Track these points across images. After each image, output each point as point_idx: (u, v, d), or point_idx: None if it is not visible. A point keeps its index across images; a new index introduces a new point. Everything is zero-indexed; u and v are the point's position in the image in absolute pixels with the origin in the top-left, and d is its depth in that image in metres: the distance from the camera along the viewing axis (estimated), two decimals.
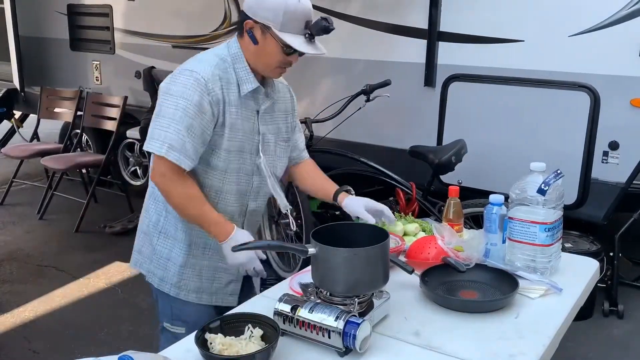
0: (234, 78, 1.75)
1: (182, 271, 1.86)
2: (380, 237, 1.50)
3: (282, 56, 1.72)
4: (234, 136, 1.76)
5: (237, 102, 1.76)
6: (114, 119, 4.95)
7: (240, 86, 1.76)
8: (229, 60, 1.76)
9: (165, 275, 1.88)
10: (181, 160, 1.67)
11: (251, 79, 1.76)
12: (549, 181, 1.73)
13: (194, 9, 4.70)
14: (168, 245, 1.87)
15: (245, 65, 1.76)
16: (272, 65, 1.75)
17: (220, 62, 1.74)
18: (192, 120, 1.67)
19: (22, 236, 4.60)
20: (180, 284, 1.87)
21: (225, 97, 1.73)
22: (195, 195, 1.73)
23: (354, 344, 1.34)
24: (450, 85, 3.47)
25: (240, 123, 1.77)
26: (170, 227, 1.85)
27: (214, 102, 1.70)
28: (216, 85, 1.70)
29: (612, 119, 3.05)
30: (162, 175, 1.71)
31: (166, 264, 1.88)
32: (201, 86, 1.68)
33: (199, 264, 1.87)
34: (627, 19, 2.95)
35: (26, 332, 3.26)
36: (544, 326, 1.50)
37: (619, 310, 3.33)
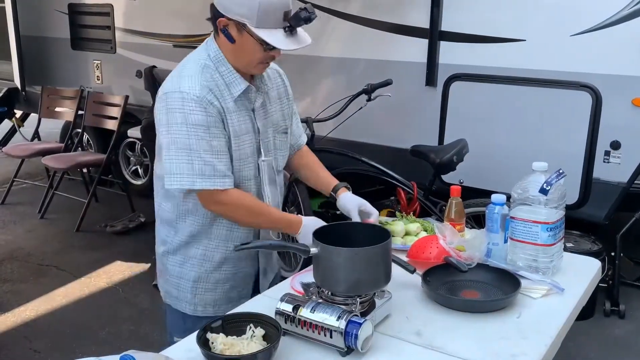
0: (222, 82, 1.66)
1: (195, 286, 1.82)
2: (382, 237, 1.50)
3: (262, 53, 1.62)
4: (241, 142, 1.70)
5: (233, 108, 1.68)
6: (115, 119, 4.95)
7: (230, 89, 1.67)
8: (211, 66, 1.66)
9: (179, 295, 1.85)
10: (218, 183, 1.63)
11: (239, 80, 1.67)
12: (551, 181, 1.72)
13: (194, 8, 4.68)
14: (178, 262, 1.82)
15: (229, 67, 1.67)
16: (254, 62, 1.66)
17: (204, 71, 1.65)
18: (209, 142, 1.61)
19: (23, 235, 4.60)
20: (195, 300, 1.83)
21: (223, 105, 1.66)
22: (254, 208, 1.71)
23: (355, 343, 1.34)
24: (451, 84, 3.47)
25: (245, 127, 1.71)
26: (180, 245, 1.81)
27: (216, 114, 1.63)
28: (210, 96, 1.62)
29: (614, 119, 3.04)
30: (209, 201, 1.68)
31: (179, 282, 1.84)
32: (196, 104, 1.60)
33: (213, 277, 1.82)
34: (628, 18, 2.95)
35: (27, 332, 3.26)
36: (546, 326, 1.49)
37: (620, 310, 3.33)
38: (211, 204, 1.69)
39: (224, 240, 1.80)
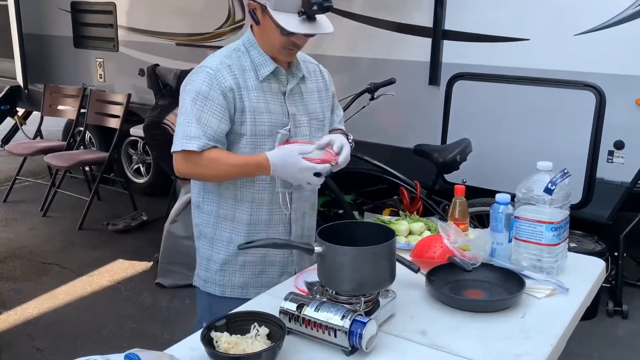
0: (249, 65, 1.76)
1: (223, 268, 1.87)
2: (387, 236, 1.50)
3: (282, 37, 1.70)
4: (260, 120, 1.76)
5: (257, 87, 1.76)
6: (118, 117, 4.95)
7: (258, 71, 1.76)
8: (242, 49, 1.78)
9: (208, 276, 1.90)
10: (192, 144, 1.69)
11: (268, 62, 1.77)
12: (556, 180, 1.72)
13: (197, 6, 4.69)
14: (207, 244, 1.89)
15: (260, 50, 1.77)
16: (276, 46, 1.74)
17: (233, 52, 1.77)
18: (202, 111, 1.71)
19: (25, 233, 4.61)
20: (223, 281, 1.88)
21: (241, 83, 1.74)
22: (217, 157, 1.73)
23: (360, 343, 1.33)
24: (454, 83, 3.47)
25: (265, 107, 1.76)
26: (208, 229, 1.88)
27: (226, 90, 1.72)
28: (226, 73, 1.73)
29: (618, 118, 3.03)
30: (181, 162, 1.74)
31: (207, 264, 1.90)
32: (210, 77, 1.72)
33: (240, 260, 1.86)
34: (632, 18, 2.94)
35: (29, 330, 3.26)
36: (551, 326, 1.49)
37: (623, 310, 3.32)
38: (178, 164, 1.75)
39: (246, 224, 1.84)
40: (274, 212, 1.85)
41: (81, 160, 5.01)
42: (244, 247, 1.50)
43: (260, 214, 1.84)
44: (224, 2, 4.39)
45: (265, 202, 1.84)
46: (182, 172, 1.78)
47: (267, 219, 1.85)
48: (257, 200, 1.83)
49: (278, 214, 1.85)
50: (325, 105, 1.94)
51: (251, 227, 1.84)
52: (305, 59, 1.93)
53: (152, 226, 4.64)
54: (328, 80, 1.97)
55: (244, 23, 4.29)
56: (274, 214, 1.85)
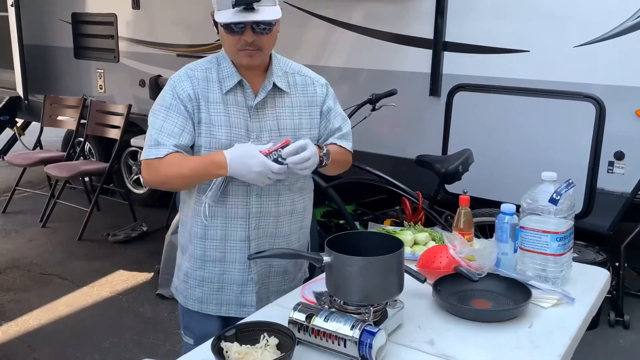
0: (215, 77, 1.76)
1: (186, 280, 1.89)
2: (394, 246, 1.51)
3: (231, 37, 1.69)
4: (216, 133, 1.73)
5: (220, 99, 1.74)
6: (118, 128, 4.96)
7: (222, 83, 1.76)
8: (214, 62, 1.78)
9: (178, 285, 1.93)
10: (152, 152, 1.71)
11: (233, 75, 1.75)
12: (561, 191, 1.73)
13: (198, 17, 4.71)
14: (180, 255, 1.93)
15: (229, 62, 1.77)
16: (232, 50, 1.73)
17: (202, 64, 1.78)
18: (164, 121, 1.72)
19: (25, 244, 4.59)
20: (186, 292, 1.89)
21: (200, 95, 1.74)
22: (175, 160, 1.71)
23: (370, 353, 1.34)
24: (455, 95, 3.49)
25: (226, 120, 1.74)
26: (182, 239, 1.91)
27: (184, 100, 1.73)
28: (186, 83, 1.74)
29: (618, 129, 3.06)
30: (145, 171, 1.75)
31: (178, 273, 1.94)
32: (172, 87, 1.75)
33: (198, 275, 1.86)
34: (632, 30, 2.97)
35: (30, 341, 3.25)
36: (559, 336, 1.50)
37: (624, 320, 3.33)
38: (143, 173, 1.77)
39: (201, 238, 1.82)
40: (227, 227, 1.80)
41: (81, 171, 5.01)
42: (253, 257, 1.51)
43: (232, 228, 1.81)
44: None
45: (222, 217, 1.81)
46: (147, 180, 1.80)
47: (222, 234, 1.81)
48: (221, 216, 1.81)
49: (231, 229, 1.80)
50: (311, 122, 1.84)
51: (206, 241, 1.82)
52: (299, 71, 1.87)
53: (152, 237, 4.64)
54: (323, 95, 1.87)
55: None
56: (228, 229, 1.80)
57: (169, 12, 4.89)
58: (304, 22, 4.01)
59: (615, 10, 3.00)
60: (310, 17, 3.98)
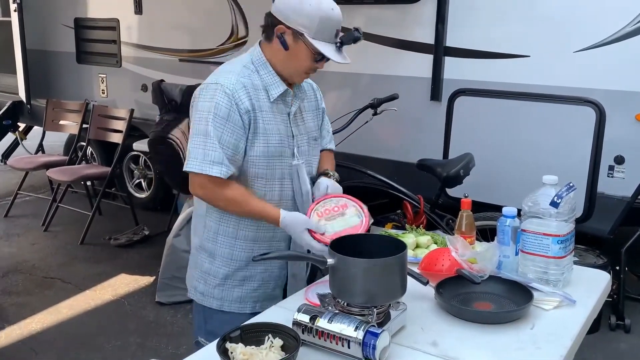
0: (260, 84, 1.77)
1: (223, 283, 1.88)
2: (397, 248, 1.52)
3: (311, 62, 1.75)
4: (272, 141, 1.78)
5: (269, 108, 1.78)
6: (120, 132, 4.97)
7: (269, 91, 1.78)
8: (252, 67, 1.78)
9: (206, 290, 1.91)
10: (215, 170, 1.70)
11: (278, 83, 1.78)
12: (562, 194, 1.75)
13: (200, 23, 4.75)
14: (208, 258, 1.90)
15: (271, 70, 1.79)
16: (301, 70, 1.78)
17: (244, 70, 1.77)
18: (222, 132, 1.70)
19: (27, 248, 4.61)
20: (222, 295, 1.89)
21: (255, 104, 1.75)
22: (237, 199, 1.75)
23: (373, 354, 1.35)
24: (456, 99, 3.50)
25: (276, 128, 1.79)
26: (208, 243, 1.89)
27: (242, 112, 1.73)
28: (242, 93, 1.73)
29: (618, 134, 3.07)
30: (201, 187, 1.76)
31: (206, 278, 1.90)
32: (228, 97, 1.71)
33: (240, 275, 1.88)
34: (632, 35, 2.99)
35: (33, 344, 3.26)
36: (560, 337, 1.51)
37: (625, 324, 3.34)
38: (196, 187, 1.77)
39: (251, 240, 1.85)
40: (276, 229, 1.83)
41: (84, 175, 5.02)
42: (258, 259, 1.52)
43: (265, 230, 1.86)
44: (227, 19, 4.44)
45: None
46: (198, 195, 1.80)
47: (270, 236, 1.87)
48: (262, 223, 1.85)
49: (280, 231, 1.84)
50: (318, 123, 1.99)
51: (255, 243, 1.86)
52: None
53: (154, 241, 4.65)
54: (319, 98, 2.00)
55: (246, 40, 4.34)
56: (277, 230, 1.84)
57: (171, 17, 4.92)
58: None
59: (616, 16, 3.02)
60: None
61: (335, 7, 1.72)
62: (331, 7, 1.71)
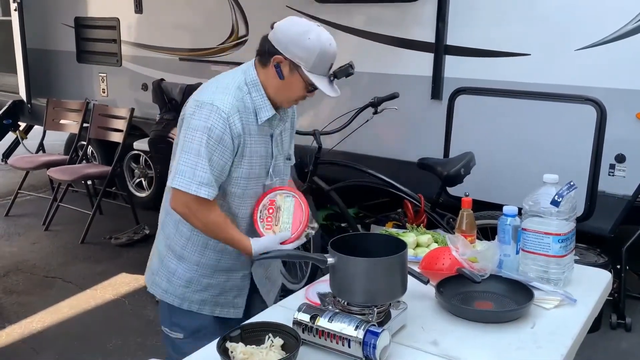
0: (251, 106, 1.78)
1: (187, 285, 1.91)
2: (397, 247, 1.52)
3: (304, 92, 1.79)
4: (253, 163, 1.81)
5: (255, 130, 1.80)
6: (121, 131, 4.97)
7: (258, 113, 1.79)
8: (245, 89, 1.79)
9: (169, 288, 1.94)
10: (202, 191, 1.71)
11: (268, 107, 1.80)
12: (563, 193, 1.75)
13: (201, 22, 4.74)
14: (175, 260, 1.91)
15: (262, 93, 1.79)
16: (292, 99, 1.82)
17: (238, 92, 1.77)
18: (213, 154, 1.71)
19: (28, 247, 4.61)
20: (184, 296, 1.92)
21: (245, 128, 1.76)
22: (218, 223, 1.78)
23: (374, 353, 1.35)
24: (456, 98, 3.50)
25: (258, 150, 1.82)
26: (178, 247, 1.90)
27: (235, 135, 1.74)
28: (236, 117, 1.74)
29: (619, 132, 3.07)
30: (185, 206, 1.76)
31: (171, 277, 1.93)
32: (223, 120, 1.71)
33: (204, 282, 1.91)
34: (633, 33, 2.98)
35: (34, 343, 3.26)
36: (561, 336, 1.51)
37: (626, 323, 3.33)
38: (179, 204, 1.77)
39: (219, 251, 1.88)
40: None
41: (84, 174, 5.02)
42: (259, 258, 1.53)
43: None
44: (228, 18, 4.44)
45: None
46: (178, 211, 1.79)
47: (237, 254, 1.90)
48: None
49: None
50: (291, 141, 2.02)
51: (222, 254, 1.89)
52: None
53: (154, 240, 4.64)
54: (295, 117, 2.03)
55: (247, 39, 4.33)
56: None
57: (171, 16, 4.91)
58: None
59: (616, 14, 3.02)
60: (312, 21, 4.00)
61: (332, 42, 1.75)
62: (329, 42, 1.73)
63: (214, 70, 4.54)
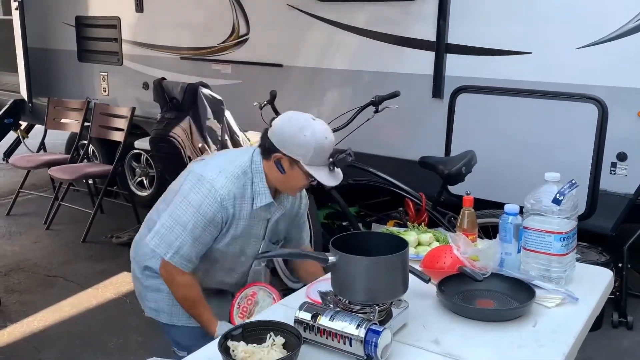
0: (249, 192, 1.87)
1: (171, 298, 1.97)
2: (398, 246, 1.52)
3: (307, 182, 1.86)
4: (235, 243, 1.89)
5: (247, 214, 1.87)
6: (122, 130, 4.97)
7: (254, 199, 1.87)
8: (249, 174, 1.87)
9: (157, 306, 2.02)
10: (183, 264, 1.85)
11: (266, 194, 1.87)
12: (564, 191, 1.75)
13: (202, 21, 4.74)
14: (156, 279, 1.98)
15: (263, 180, 1.87)
16: (296, 189, 1.89)
17: (241, 176, 1.86)
18: (202, 233, 1.83)
19: (29, 246, 4.61)
20: (171, 310, 1.99)
21: (237, 213, 1.85)
22: (192, 298, 1.88)
23: (375, 352, 1.35)
24: (458, 96, 3.49)
25: (246, 232, 1.89)
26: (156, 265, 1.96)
27: (224, 218, 1.85)
28: (230, 203, 1.84)
29: (620, 131, 3.06)
30: (166, 272, 1.89)
31: (154, 295, 2.01)
32: (217, 203, 1.82)
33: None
34: (634, 31, 2.98)
35: (35, 342, 3.26)
36: (563, 335, 1.51)
37: (628, 321, 3.33)
38: (164, 271, 1.90)
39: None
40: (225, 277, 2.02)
41: (86, 173, 5.01)
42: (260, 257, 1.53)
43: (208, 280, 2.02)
44: (229, 17, 4.43)
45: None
46: (163, 276, 1.91)
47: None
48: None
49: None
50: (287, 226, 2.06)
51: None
52: None
53: None
54: (304, 205, 2.08)
55: (248, 37, 4.33)
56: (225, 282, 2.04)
57: (172, 15, 4.91)
58: (306, 24, 4.03)
59: (618, 12, 3.01)
60: (313, 19, 4.00)
61: (328, 135, 1.82)
62: (325, 136, 1.80)
63: (214, 69, 4.55)
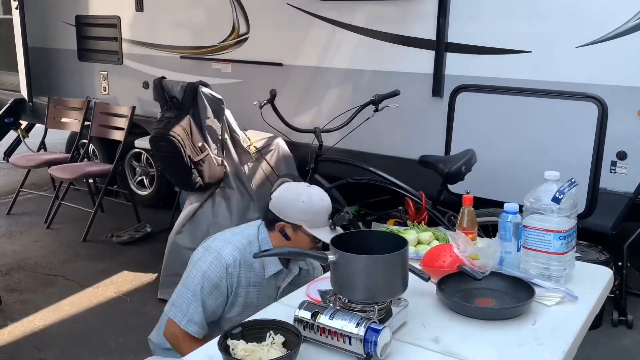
0: (259, 261, 1.97)
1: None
2: (398, 244, 1.52)
3: (312, 244, 1.96)
4: (247, 313, 1.90)
5: (259, 283, 1.95)
6: (122, 129, 4.97)
7: (265, 269, 1.98)
8: (256, 244, 1.98)
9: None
10: (193, 330, 1.93)
11: (275, 262, 1.97)
12: (564, 190, 1.75)
13: (202, 20, 4.74)
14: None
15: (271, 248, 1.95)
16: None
17: (247, 246, 1.97)
18: (207, 298, 1.93)
19: (29, 245, 4.61)
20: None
21: (243, 280, 1.93)
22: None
23: (375, 350, 1.35)
24: (457, 95, 3.50)
25: (257, 300, 1.97)
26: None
27: (229, 284, 1.95)
28: (235, 270, 1.94)
29: (620, 129, 3.06)
30: (173, 336, 1.96)
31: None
32: (222, 270, 1.93)
33: None
34: (634, 30, 2.98)
35: (36, 341, 3.26)
36: (562, 333, 1.51)
37: (628, 320, 3.33)
38: (169, 333, 1.98)
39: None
40: None
41: (86, 173, 5.02)
42: (259, 255, 1.53)
43: None
44: (229, 16, 4.43)
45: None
46: (167, 338, 1.98)
47: None
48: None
49: None
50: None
51: None
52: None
53: (156, 238, 4.66)
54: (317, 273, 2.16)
55: (248, 36, 4.33)
56: None
57: (173, 14, 4.91)
58: (306, 23, 4.03)
59: (618, 11, 3.01)
60: (313, 18, 4.00)
61: (324, 197, 1.96)
62: (320, 198, 1.95)
63: (214, 68, 4.55)
